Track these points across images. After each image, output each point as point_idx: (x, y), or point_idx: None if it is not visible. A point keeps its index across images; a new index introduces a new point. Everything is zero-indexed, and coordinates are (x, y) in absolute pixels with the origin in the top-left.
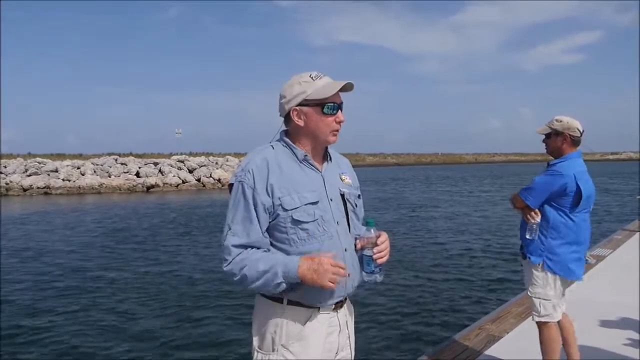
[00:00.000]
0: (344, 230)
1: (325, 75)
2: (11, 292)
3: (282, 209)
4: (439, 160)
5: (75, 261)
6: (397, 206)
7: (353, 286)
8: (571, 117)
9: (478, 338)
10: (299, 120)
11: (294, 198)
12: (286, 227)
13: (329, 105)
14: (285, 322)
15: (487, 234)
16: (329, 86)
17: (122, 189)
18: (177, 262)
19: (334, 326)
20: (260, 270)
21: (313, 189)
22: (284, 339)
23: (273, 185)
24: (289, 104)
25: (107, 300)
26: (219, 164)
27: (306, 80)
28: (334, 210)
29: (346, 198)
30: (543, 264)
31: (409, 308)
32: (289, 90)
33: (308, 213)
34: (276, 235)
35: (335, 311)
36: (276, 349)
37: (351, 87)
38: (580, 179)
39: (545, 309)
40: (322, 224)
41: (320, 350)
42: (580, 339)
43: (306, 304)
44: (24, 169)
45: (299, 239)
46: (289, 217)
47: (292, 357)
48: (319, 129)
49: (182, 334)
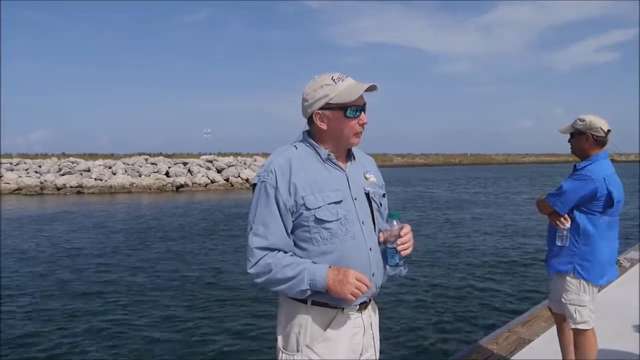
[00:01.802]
0: (368, 229)
1: (347, 77)
2: (33, 292)
3: (305, 208)
4: (468, 161)
5: (104, 258)
6: (426, 206)
7: (377, 286)
8: (596, 116)
9: (508, 341)
10: (321, 123)
11: (317, 197)
12: (309, 226)
13: (352, 108)
14: (310, 323)
15: (519, 236)
16: (351, 89)
17: (152, 188)
18: (206, 261)
19: (359, 327)
20: (288, 277)
21: (337, 188)
22: (308, 339)
23: (296, 184)
24: (311, 108)
25: (127, 299)
26: (247, 164)
27: (328, 83)
28: (358, 210)
29: (371, 197)
30: (575, 271)
31: (437, 309)
32: (312, 94)
33: (331, 212)
34: (299, 234)
35: (360, 312)
36: (301, 349)
37: (375, 89)
38: (610, 182)
39: (581, 315)
40: (346, 223)
41: (345, 351)
42: (614, 343)
43: (331, 304)
44: (58, 168)
45: (322, 238)
46: (312, 216)
47: (317, 357)
48: (342, 132)
49: (207, 332)
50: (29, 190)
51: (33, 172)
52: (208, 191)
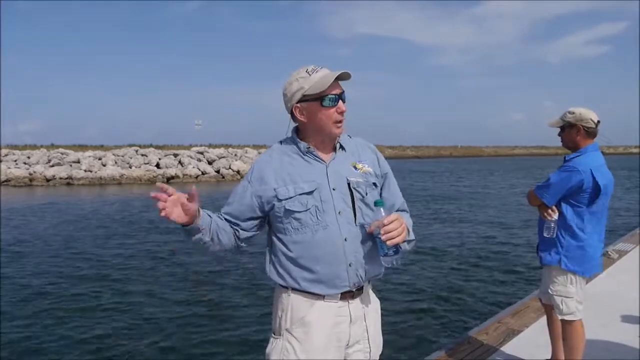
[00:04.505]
0: (346, 220)
1: (322, 68)
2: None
3: (277, 199)
4: (459, 153)
5: (95, 250)
6: (416, 197)
7: (359, 275)
8: (586, 108)
9: (497, 332)
10: (301, 116)
11: (289, 189)
12: (281, 217)
13: (328, 97)
14: (290, 308)
15: (511, 227)
16: (324, 79)
17: (142, 180)
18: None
19: (344, 316)
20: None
21: (311, 179)
22: (288, 323)
23: (269, 177)
24: (290, 102)
25: (120, 288)
26: (238, 156)
27: (303, 76)
28: (335, 200)
29: (352, 187)
30: (561, 262)
31: (427, 301)
32: (289, 88)
33: (301, 203)
34: (275, 225)
35: (346, 301)
36: (282, 333)
37: (348, 76)
38: (598, 174)
39: (568, 307)
40: (317, 213)
41: (325, 338)
42: (601, 334)
43: (308, 292)
44: (47, 159)
45: (293, 228)
46: (282, 207)
47: (296, 341)
48: (322, 122)
49: (203, 320)
50: (17, 181)
51: (22, 163)
52: (199, 183)
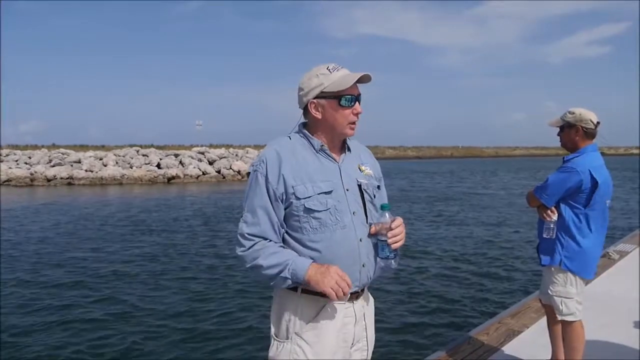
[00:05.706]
0: (359, 220)
1: (342, 67)
2: (21, 283)
3: (295, 197)
4: (460, 154)
5: (95, 250)
6: (417, 198)
7: (368, 277)
8: (585, 109)
9: (498, 332)
10: (316, 112)
11: (307, 187)
12: (299, 216)
13: (346, 98)
14: (300, 311)
15: (511, 228)
16: (345, 78)
17: (143, 180)
18: (202, 253)
19: (350, 317)
20: (272, 264)
21: (328, 179)
22: (297, 327)
23: (287, 174)
24: (306, 97)
25: (121, 289)
26: (238, 156)
27: (323, 72)
28: (349, 201)
29: (363, 189)
30: (561, 263)
31: (428, 301)
32: (307, 82)
33: (320, 202)
34: (290, 224)
35: (352, 302)
36: (290, 336)
37: (368, 79)
38: (596, 174)
39: (567, 307)
40: (335, 213)
41: (335, 339)
42: (601, 335)
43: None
44: (48, 159)
45: (311, 228)
46: (302, 205)
47: (306, 345)
48: (336, 121)
49: (199, 323)
50: (18, 181)
51: (23, 163)
52: (200, 183)
